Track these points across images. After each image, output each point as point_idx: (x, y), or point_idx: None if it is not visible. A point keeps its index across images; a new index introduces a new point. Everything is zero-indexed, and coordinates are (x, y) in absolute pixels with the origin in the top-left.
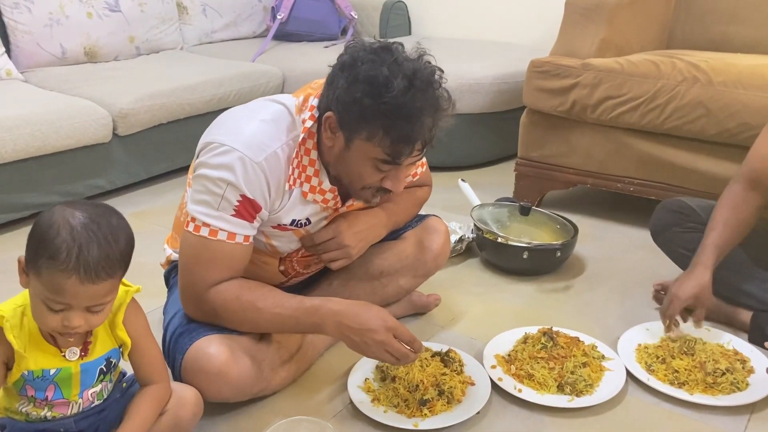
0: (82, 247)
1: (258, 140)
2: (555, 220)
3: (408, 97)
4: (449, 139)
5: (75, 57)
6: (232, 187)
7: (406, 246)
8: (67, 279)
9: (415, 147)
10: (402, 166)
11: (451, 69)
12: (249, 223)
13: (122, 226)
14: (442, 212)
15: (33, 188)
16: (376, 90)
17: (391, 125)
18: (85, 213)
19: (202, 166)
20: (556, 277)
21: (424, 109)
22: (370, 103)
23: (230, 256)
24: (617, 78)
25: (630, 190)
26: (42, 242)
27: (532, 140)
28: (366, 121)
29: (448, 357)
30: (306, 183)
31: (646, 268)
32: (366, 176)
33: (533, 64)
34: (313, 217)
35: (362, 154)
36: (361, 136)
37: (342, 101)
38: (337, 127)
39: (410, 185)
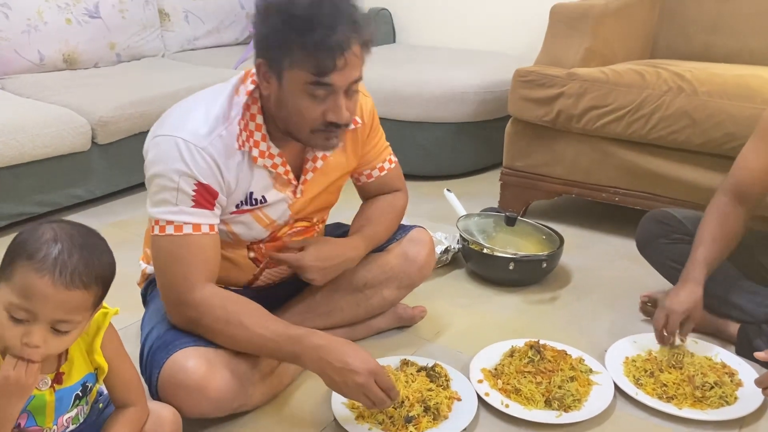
0: (62, 250)
1: (200, 125)
2: (540, 230)
3: (314, 8)
4: (434, 148)
5: (53, 64)
6: (185, 176)
7: (390, 258)
8: (40, 279)
9: (336, 56)
10: (337, 90)
11: (436, 77)
12: (210, 211)
13: (107, 250)
14: (427, 222)
15: (9, 198)
16: (285, 11)
17: (305, 39)
18: (73, 228)
19: (152, 165)
20: (543, 288)
21: (336, 17)
22: (282, 26)
23: (201, 248)
24: (602, 88)
25: (615, 200)
26: (22, 244)
27: (517, 150)
28: (285, 47)
29: (434, 372)
30: (255, 148)
31: (632, 279)
32: (306, 111)
33: (518, 73)
34: (269, 196)
35: (294, 86)
36: (286, 65)
37: (262, 40)
38: (267, 69)
39: (381, 184)
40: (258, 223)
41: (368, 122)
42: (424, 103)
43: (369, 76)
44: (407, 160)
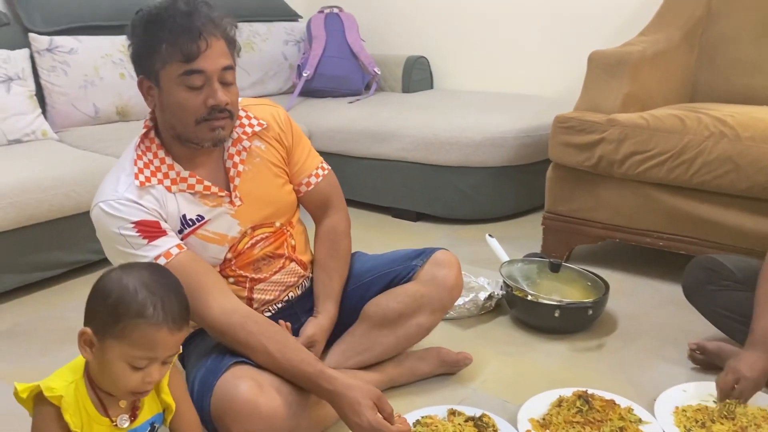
0: (164, 299)
1: (110, 184)
2: (585, 276)
3: (170, 5)
4: (474, 193)
5: (107, 116)
6: (120, 224)
7: (419, 286)
8: (158, 332)
9: (199, 40)
10: (211, 77)
11: (474, 122)
12: (166, 236)
13: (176, 279)
14: (468, 266)
15: (67, 246)
16: (145, 19)
17: (165, 31)
18: (145, 271)
19: (100, 236)
20: (589, 335)
21: (190, 9)
22: (144, 31)
23: (186, 267)
24: (643, 133)
25: (660, 245)
26: (122, 305)
27: (559, 194)
28: (152, 49)
29: (482, 422)
30: (165, 179)
31: (680, 325)
32: (187, 103)
33: (558, 119)
34: (204, 213)
35: (170, 81)
36: (159, 65)
37: (134, 55)
38: (146, 81)
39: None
40: (208, 242)
41: (286, 128)
42: (464, 148)
43: (408, 122)
44: (447, 204)
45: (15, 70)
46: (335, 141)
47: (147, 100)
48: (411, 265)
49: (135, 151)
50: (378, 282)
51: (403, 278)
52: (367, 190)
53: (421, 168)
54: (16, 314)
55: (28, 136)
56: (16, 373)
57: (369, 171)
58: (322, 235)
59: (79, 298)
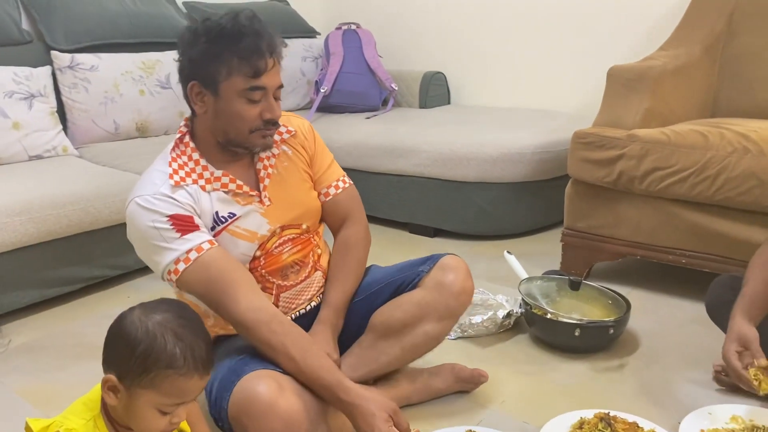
0: (193, 346)
1: (147, 184)
2: (606, 294)
3: (239, 20)
4: (492, 208)
5: (127, 132)
6: (156, 218)
7: (425, 292)
8: (189, 380)
9: (266, 58)
10: (269, 92)
11: (492, 138)
12: (198, 231)
13: (197, 314)
14: (486, 283)
15: (84, 262)
16: (214, 32)
17: (238, 47)
18: (169, 313)
19: (132, 234)
20: (610, 354)
21: (258, 29)
22: (213, 43)
23: (217, 259)
24: (664, 149)
25: (682, 262)
26: (151, 356)
27: (579, 211)
28: (219, 59)
29: None
30: (199, 179)
31: (703, 344)
32: (245, 114)
33: (577, 135)
34: (236, 210)
35: (232, 93)
36: (222, 76)
37: (192, 63)
38: (201, 87)
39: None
40: (239, 238)
41: (310, 137)
42: (482, 163)
43: (425, 138)
44: (465, 220)
45: (37, 87)
46: (352, 156)
47: (195, 105)
48: (417, 271)
49: (170, 154)
50: (385, 291)
51: (409, 285)
52: (384, 205)
53: (438, 183)
54: (35, 329)
55: (49, 152)
56: (32, 388)
57: (386, 186)
58: (336, 246)
59: (97, 314)
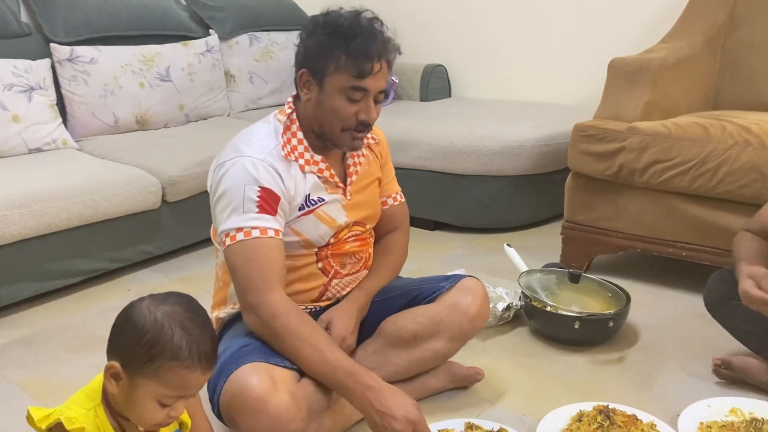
0: (199, 341)
1: (259, 146)
2: (606, 287)
3: (358, 20)
4: (492, 202)
5: (127, 125)
6: (250, 183)
7: (441, 309)
8: (192, 373)
9: (374, 62)
10: (370, 95)
11: (492, 131)
12: (273, 217)
13: (203, 308)
14: (486, 276)
15: (84, 254)
16: (331, 26)
17: (349, 46)
18: (179, 306)
19: (219, 186)
20: (610, 347)
21: (373, 31)
22: (328, 37)
23: (271, 250)
24: (665, 142)
25: (683, 255)
26: (157, 346)
27: (579, 204)
28: (329, 54)
29: None
30: (300, 158)
31: (704, 338)
32: (342, 110)
33: (577, 128)
34: (324, 196)
35: (334, 88)
36: (329, 70)
37: (307, 51)
38: (309, 77)
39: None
40: (322, 221)
41: (386, 149)
42: (481, 157)
43: (425, 131)
44: (465, 213)
45: (36, 80)
46: None
47: (302, 91)
48: (437, 287)
49: (277, 121)
50: (402, 297)
51: (426, 298)
52: None
53: (438, 177)
54: (35, 322)
55: (49, 145)
56: (32, 381)
57: None
58: (379, 246)
59: (97, 307)
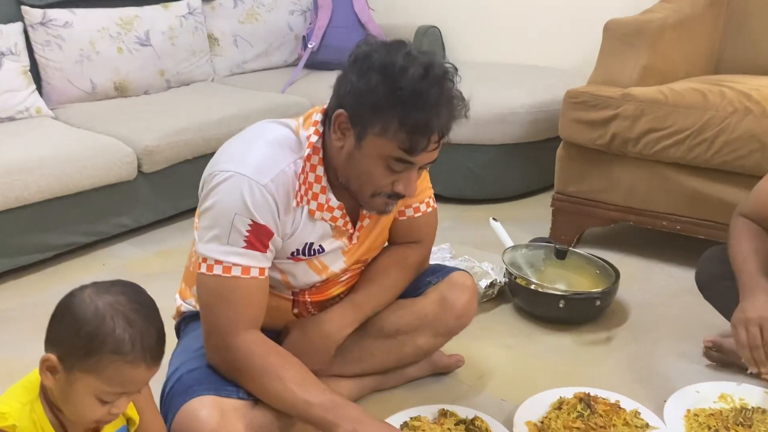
0: (143, 333)
1: (262, 162)
2: (594, 263)
3: (424, 84)
4: (482, 171)
5: (105, 92)
6: (241, 214)
7: (426, 303)
8: (134, 369)
9: (432, 139)
10: (415, 166)
11: (484, 98)
12: (262, 254)
13: (152, 300)
14: (473, 250)
15: (57, 228)
16: (392, 77)
17: (407, 114)
18: (123, 296)
19: (207, 197)
20: (596, 326)
21: (440, 99)
22: (385, 91)
23: (248, 292)
24: (661, 109)
25: (677, 229)
26: (97, 338)
27: (570, 174)
28: (380, 112)
29: (474, 426)
30: (313, 201)
31: (696, 317)
32: (377, 178)
33: (569, 94)
34: (326, 245)
35: (375, 151)
36: (375, 130)
37: (354, 94)
38: (347, 124)
39: (410, 228)
40: (312, 270)
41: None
42: (472, 124)
43: None
44: (454, 183)
45: (7, 45)
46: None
47: (333, 133)
48: (425, 281)
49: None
50: None
51: (413, 292)
52: None
53: None
54: (7, 299)
55: (22, 114)
56: (1, 363)
57: None
58: (389, 253)
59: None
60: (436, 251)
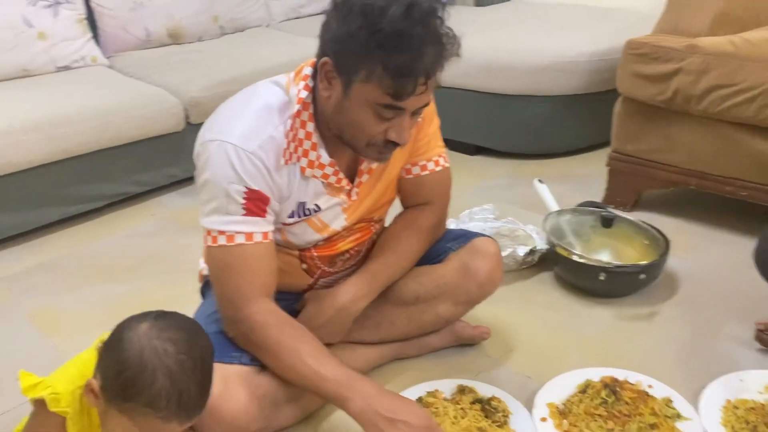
0: (182, 392)
1: (250, 128)
2: (645, 232)
3: (406, 23)
4: (539, 124)
5: (159, 39)
6: (234, 183)
7: (447, 270)
8: (166, 424)
9: (418, 82)
10: (406, 112)
11: (542, 44)
12: (262, 219)
13: (208, 344)
14: (520, 211)
15: (107, 179)
16: (371, 20)
17: (389, 57)
18: (172, 345)
19: (201, 172)
20: (641, 299)
21: (425, 38)
22: (366, 35)
23: (256, 258)
24: (730, 63)
25: (742, 195)
26: (134, 386)
27: (628, 132)
28: (363, 58)
29: (490, 406)
30: (303, 158)
31: (754, 294)
32: (368, 126)
33: (629, 45)
34: (321, 203)
35: (362, 99)
36: (359, 76)
37: (337, 40)
38: (333, 72)
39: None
40: (311, 227)
41: (428, 119)
42: (527, 74)
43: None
44: (506, 136)
45: None
46: None
47: (321, 83)
48: (445, 247)
49: (286, 118)
50: None
51: (433, 259)
52: None
53: (480, 96)
54: (57, 247)
55: (77, 63)
56: (42, 310)
57: None
58: (400, 220)
59: (119, 232)
60: (478, 212)
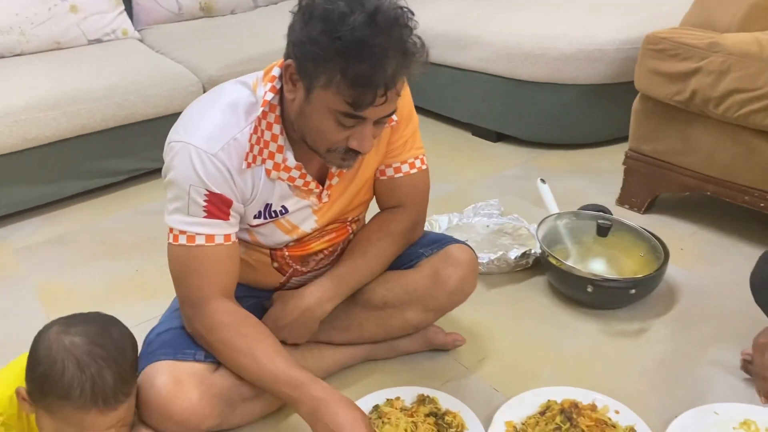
0: (95, 378)
1: (213, 131)
2: (645, 241)
3: (367, 32)
4: (561, 113)
5: (191, 12)
6: (195, 185)
7: (417, 277)
8: (86, 414)
9: (378, 93)
10: (367, 121)
11: (567, 30)
12: (224, 222)
13: (124, 335)
14: (529, 207)
15: (126, 154)
16: (332, 26)
17: (348, 66)
18: (85, 336)
19: (166, 171)
20: (632, 313)
21: (387, 49)
22: (326, 42)
23: (216, 260)
24: (751, 65)
25: (760, 206)
26: (48, 380)
27: (645, 131)
28: (323, 64)
29: (443, 421)
30: (269, 160)
31: (757, 315)
32: (329, 133)
33: (648, 40)
34: (289, 205)
35: (323, 105)
36: (320, 82)
37: (299, 44)
38: (296, 75)
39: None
40: (279, 229)
41: (406, 119)
42: (552, 61)
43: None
44: (529, 125)
45: None
46: None
47: (285, 84)
48: (418, 252)
49: (251, 121)
50: None
51: (405, 264)
52: (446, 102)
53: (503, 82)
54: (74, 220)
55: (108, 36)
56: (49, 285)
57: (449, 81)
58: (373, 223)
59: (132, 208)
60: (483, 207)
